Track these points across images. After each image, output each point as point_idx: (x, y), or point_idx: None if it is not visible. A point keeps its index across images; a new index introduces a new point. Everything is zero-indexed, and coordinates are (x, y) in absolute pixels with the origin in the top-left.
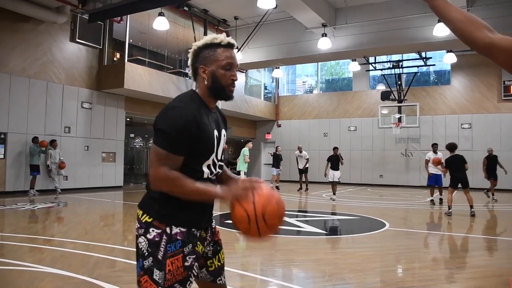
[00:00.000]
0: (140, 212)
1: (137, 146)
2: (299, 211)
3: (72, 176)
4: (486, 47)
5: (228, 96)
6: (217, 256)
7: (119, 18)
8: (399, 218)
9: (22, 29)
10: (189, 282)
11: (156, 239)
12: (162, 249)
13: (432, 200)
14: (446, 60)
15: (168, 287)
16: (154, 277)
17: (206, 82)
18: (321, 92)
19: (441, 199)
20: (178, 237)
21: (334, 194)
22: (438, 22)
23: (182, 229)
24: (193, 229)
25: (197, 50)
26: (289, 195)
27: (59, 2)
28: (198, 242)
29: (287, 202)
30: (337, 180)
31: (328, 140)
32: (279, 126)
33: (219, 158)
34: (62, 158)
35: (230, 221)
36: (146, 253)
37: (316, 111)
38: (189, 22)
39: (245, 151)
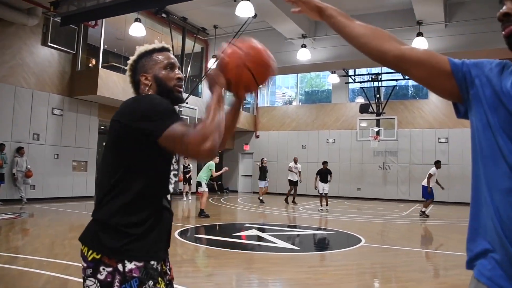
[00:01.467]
0: (85, 249)
1: None
2: (274, 225)
3: (40, 185)
4: (396, 60)
5: (177, 98)
6: None
7: (93, 23)
8: (376, 233)
9: None
10: None
11: (108, 279)
12: None
13: (424, 212)
14: None
15: None
16: None
17: (150, 89)
18: (300, 103)
19: (423, 211)
20: (134, 274)
21: (327, 205)
22: (417, 36)
23: (138, 264)
24: (152, 262)
25: (133, 64)
26: (271, 209)
27: (30, 3)
28: (160, 278)
29: (265, 216)
30: (327, 192)
31: (307, 152)
32: (257, 137)
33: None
34: (29, 167)
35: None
36: None
37: (295, 123)
38: (167, 30)
39: (211, 165)
